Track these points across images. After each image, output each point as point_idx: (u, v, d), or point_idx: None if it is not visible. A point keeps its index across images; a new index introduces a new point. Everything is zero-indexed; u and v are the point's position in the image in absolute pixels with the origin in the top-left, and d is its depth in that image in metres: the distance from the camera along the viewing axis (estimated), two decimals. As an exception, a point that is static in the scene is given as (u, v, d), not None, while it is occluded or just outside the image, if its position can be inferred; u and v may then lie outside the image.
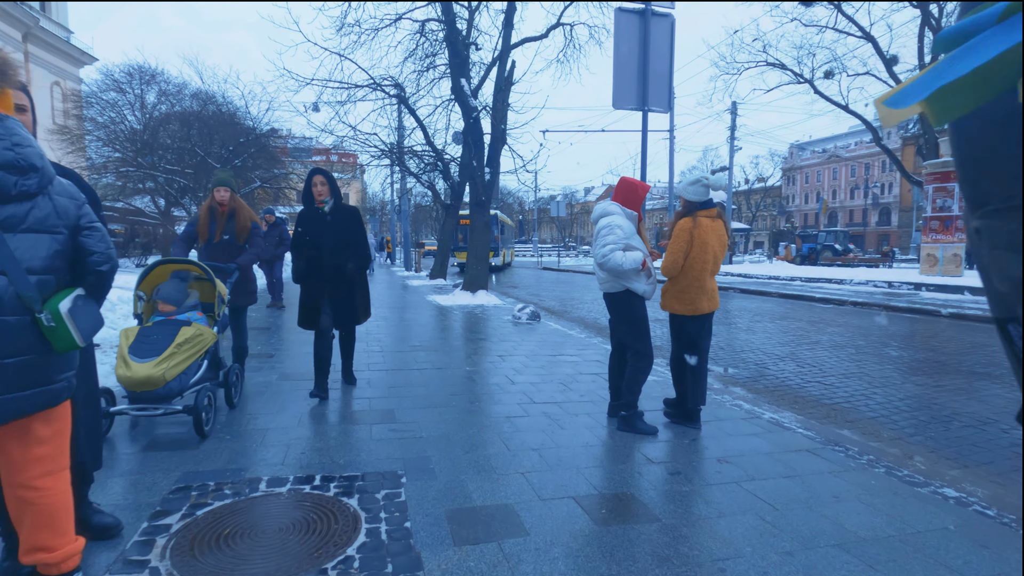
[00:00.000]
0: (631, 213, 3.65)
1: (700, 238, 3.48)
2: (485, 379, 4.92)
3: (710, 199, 3.59)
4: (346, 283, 4.12)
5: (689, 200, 3.60)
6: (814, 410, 4.52)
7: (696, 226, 3.49)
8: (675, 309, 3.67)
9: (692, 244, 3.48)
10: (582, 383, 4.85)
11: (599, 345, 6.73)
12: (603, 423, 3.77)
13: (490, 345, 6.62)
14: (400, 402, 4.10)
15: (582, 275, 24.76)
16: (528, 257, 48.48)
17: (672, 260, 3.52)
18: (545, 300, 13.42)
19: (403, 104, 14.77)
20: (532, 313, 8.91)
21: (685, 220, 3.52)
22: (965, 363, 6.20)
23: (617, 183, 3.75)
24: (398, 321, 8.51)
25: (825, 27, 27.93)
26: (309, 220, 4.07)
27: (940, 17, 24.32)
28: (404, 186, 23.75)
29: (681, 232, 3.50)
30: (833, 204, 65.42)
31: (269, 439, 3.25)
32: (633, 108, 5.07)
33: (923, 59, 25.44)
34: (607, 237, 3.48)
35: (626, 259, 3.51)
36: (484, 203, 11.85)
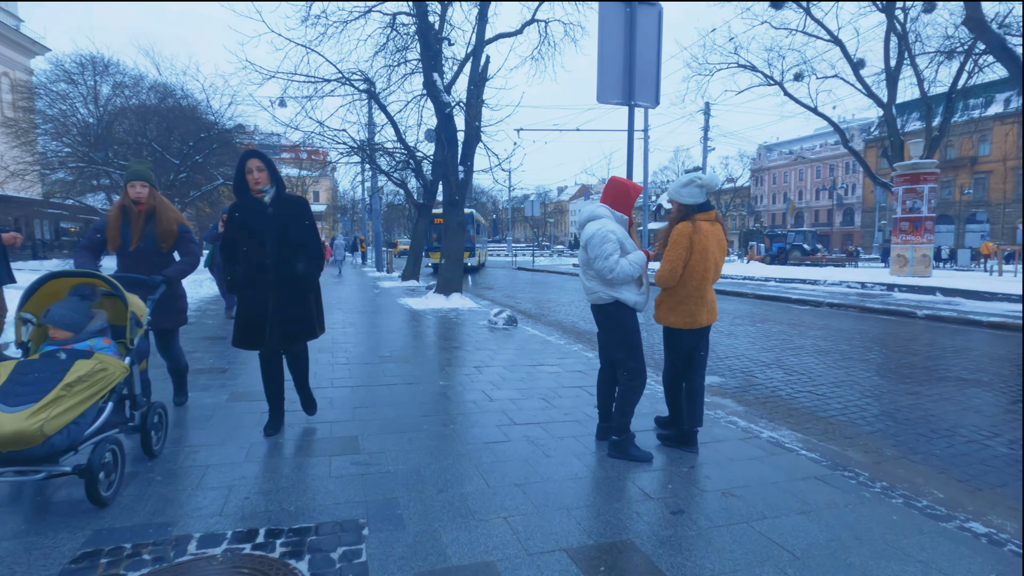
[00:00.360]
0: (621, 216, 3.31)
1: (700, 244, 3.16)
2: (461, 395, 4.52)
3: (707, 201, 3.26)
4: (295, 290, 3.34)
5: (684, 204, 3.27)
6: (811, 425, 4.27)
7: (696, 231, 3.16)
8: (671, 322, 3.34)
9: (692, 251, 3.16)
10: (565, 398, 4.50)
11: (579, 353, 6.40)
12: (592, 448, 3.41)
13: (465, 354, 6.22)
14: (365, 426, 3.67)
15: (557, 275, 24.50)
16: (502, 257, 48.09)
17: (670, 269, 3.18)
18: (521, 302, 13.07)
19: (373, 99, 14.21)
20: (509, 318, 8.54)
21: (683, 225, 3.19)
22: (952, 368, 6.07)
23: (607, 183, 3.40)
24: (367, 327, 8.03)
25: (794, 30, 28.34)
26: (245, 214, 3.28)
27: (905, 22, 24.87)
28: (375, 184, 23.09)
29: (679, 238, 3.16)
30: (800, 204, 66.94)
31: (208, 479, 2.79)
32: (618, 103, 4.73)
33: (889, 63, 26.03)
34: (604, 245, 3.13)
35: (633, 264, 3.17)
36: (458, 202, 11.42)
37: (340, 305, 10.84)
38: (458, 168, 11.44)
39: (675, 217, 3.31)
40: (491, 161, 11.69)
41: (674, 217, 3.32)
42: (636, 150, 35.03)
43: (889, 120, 25.20)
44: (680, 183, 3.27)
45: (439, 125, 11.64)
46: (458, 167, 11.47)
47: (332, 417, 3.85)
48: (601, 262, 3.13)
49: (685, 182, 3.24)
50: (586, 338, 8.06)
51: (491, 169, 11.65)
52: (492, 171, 11.80)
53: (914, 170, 15.45)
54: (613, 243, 3.15)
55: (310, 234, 3.39)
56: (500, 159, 11.55)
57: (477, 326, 8.39)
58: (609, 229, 3.19)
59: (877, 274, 17.26)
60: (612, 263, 3.12)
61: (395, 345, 6.71)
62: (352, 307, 10.57)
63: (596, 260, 3.15)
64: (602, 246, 3.12)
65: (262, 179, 3.26)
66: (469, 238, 25.28)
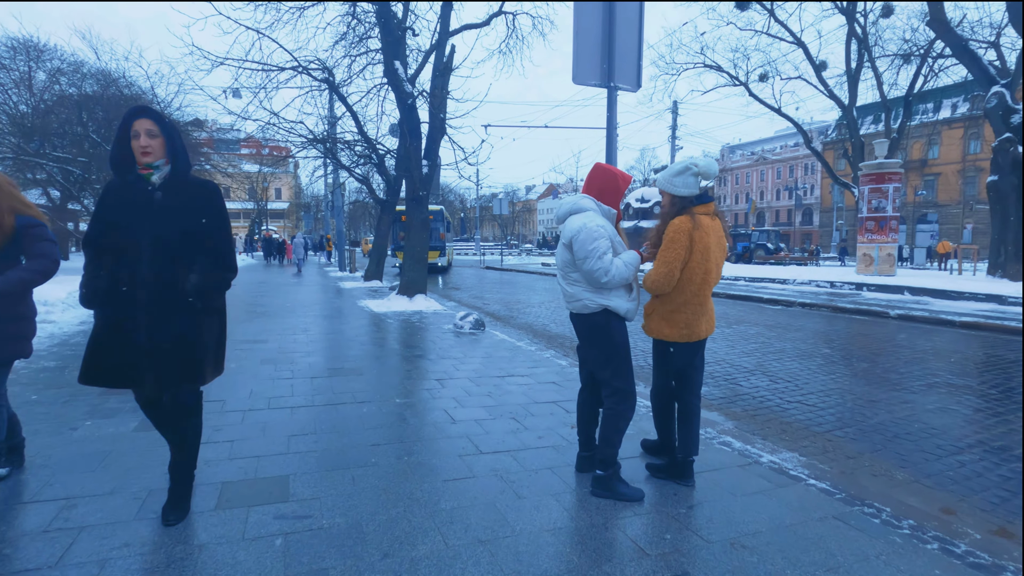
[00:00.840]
0: (608, 210, 2.80)
1: (701, 242, 2.67)
2: (420, 416, 3.94)
3: (705, 192, 2.78)
4: (180, 313, 2.27)
5: (678, 196, 2.78)
6: (808, 443, 3.85)
7: (696, 227, 2.67)
8: (664, 334, 2.84)
9: (692, 251, 2.66)
10: (538, 416, 3.97)
11: (552, 361, 5.89)
12: (571, 482, 2.89)
13: (428, 364, 5.63)
14: (301, 462, 3.05)
15: (526, 274, 24.03)
16: (470, 256, 47.41)
17: (666, 272, 2.68)
18: (489, 303, 12.51)
19: (332, 90, 13.43)
20: (476, 322, 7.98)
21: (681, 220, 2.69)
22: (938, 372, 5.81)
23: (591, 172, 2.88)
24: (320, 333, 7.34)
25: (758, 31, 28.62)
26: (120, 198, 2.29)
27: (865, 25, 25.34)
28: (336, 180, 22.13)
29: (677, 235, 2.66)
30: (761, 204, 68.51)
31: (77, 551, 2.14)
32: (596, 84, 4.23)
33: (850, 65, 26.51)
34: (595, 243, 2.61)
35: (628, 266, 2.68)
36: (422, 198, 10.78)
37: (294, 308, 10.06)
38: (422, 162, 10.80)
39: (668, 211, 2.81)
40: (457, 155, 11.09)
41: (667, 211, 2.82)
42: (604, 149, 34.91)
43: (850, 122, 25.66)
44: (673, 171, 2.77)
45: (401, 117, 10.98)
46: (422, 161, 10.84)
47: (261, 450, 3.21)
48: (593, 262, 2.61)
49: (679, 170, 2.75)
50: (558, 343, 7.57)
51: (457, 163, 11.04)
52: (458, 165, 11.19)
53: (879, 170, 15.57)
54: (605, 240, 2.64)
55: (216, 234, 2.34)
56: (467, 153, 10.96)
57: (441, 331, 7.80)
58: (598, 224, 2.68)
59: (845, 273, 17.39)
60: (607, 264, 2.61)
61: (349, 354, 6.06)
62: (307, 310, 9.81)
63: (587, 260, 2.62)
64: (593, 244, 2.61)
65: (153, 148, 2.23)
66: (438, 236, 24.41)
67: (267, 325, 7.98)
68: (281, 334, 7.22)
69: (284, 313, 9.34)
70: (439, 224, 24.62)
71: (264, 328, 7.70)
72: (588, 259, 2.63)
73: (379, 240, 16.86)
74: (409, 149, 10.66)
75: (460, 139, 13.16)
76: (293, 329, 7.66)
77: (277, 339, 6.86)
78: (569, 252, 2.73)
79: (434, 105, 10.59)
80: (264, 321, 8.38)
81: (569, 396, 4.53)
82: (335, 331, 7.62)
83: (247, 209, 58.21)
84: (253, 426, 3.57)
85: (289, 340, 6.81)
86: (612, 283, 2.66)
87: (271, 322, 8.27)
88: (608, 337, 2.75)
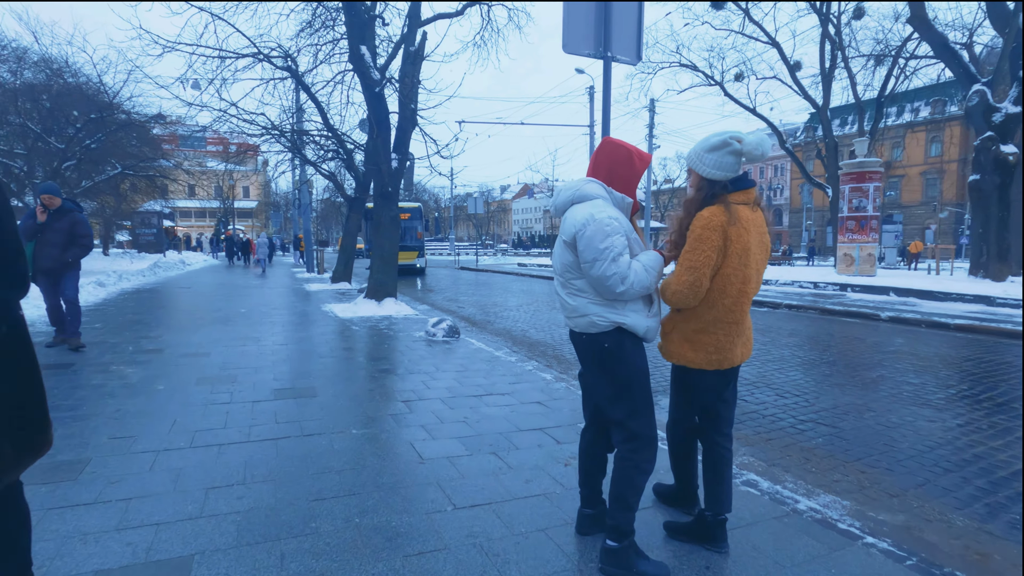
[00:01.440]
0: (622, 199, 2.15)
1: (739, 242, 2.04)
2: (381, 453, 3.23)
3: (745, 175, 2.15)
4: None
5: (708, 179, 2.14)
6: (840, 476, 3.28)
7: (732, 221, 2.03)
8: (687, 359, 2.19)
9: (727, 252, 2.03)
10: (524, 450, 3.30)
11: (535, 374, 5.24)
12: (572, 552, 2.23)
13: (394, 382, 4.91)
14: (215, 532, 2.32)
15: (502, 275, 23.36)
16: (444, 256, 46.50)
17: (691, 281, 2.04)
18: (464, 307, 11.80)
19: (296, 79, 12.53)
20: (449, 328, 7.27)
21: (713, 211, 2.05)
22: (951, 383, 5.35)
23: (598, 148, 2.22)
24: (275, 344, 6.53)
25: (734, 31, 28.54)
26: None
27: (839, 24, 25.44)
28: (304, 176, 21.06)
29: (708, 232, 2.02)
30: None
31: None
32: (589, 55, 3.58)
33: (824, 65, 26.62)
34: (609, 240, 1.97)
35: (650, 271, 2.05)
36: (391, 194, 10.01)
37: (250, 313, 9.18)
38: (391, 155, 10.03)
39: (695, 198, 2.17)
40: (429, 148, 10.34)
41: (694, 198, 2.17)
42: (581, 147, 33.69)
43: (824, 122, 25.72)
44: (706, 145, 2.13)
45: (368, 106, 10.17)
46: (391, 155, 10.06)
47: (165, 513, 2.46)
48: (605, 266, 1.96)
49: (714, 144, 2.11)
50: (540, 351, 6.93)
51: (429, 156, 10.29)
52: (430, 158, 10.46)
53: (860, 168, 15.40)
54: (620, 236, 1.99)
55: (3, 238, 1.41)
56: (440, 146, 10.23)
57: (412, 339, 7.07)
58: (610, 215, 2.03)
59: (827, 273, 17.20)
60: (623, 268, 1.96)
61: (304, 369, 5.29)
62: (264, 316, 8.94)
63: (596, 264, 1.97)
64: (604, 241, 1.96)
65: None
66: (415, 236, 23.20)
67: (214, 334, 7.12)
68: (228, 345, 6.38)
69: (237, 319, 8.47)
70: (417, 222, 23.18)
71: (210, 338, 6.84)
72: (598, 262, 1.97)
73: (347, 239, 15.97)
74: (377, 141, 9.88)
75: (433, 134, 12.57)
76: (244, 339, 6.83)
77: (222, 351, 6.03)
78: (571, 253, 2.07)
79: (404, 94, 9.83)
80: (212, 329, 7.51)
81: (557, 420, 3.87)
82: (292, 341, 6.81)
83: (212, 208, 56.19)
84: (163, 475, 2.80)
85: (236, 352, 5.99)
86: (629, 294, 2.01)
87: (219, 330, 7.42)
88: (622, 364, 2.09)
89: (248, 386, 4.62)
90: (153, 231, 30.22)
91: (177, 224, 56.25)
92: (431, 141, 10.31)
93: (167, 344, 6.39)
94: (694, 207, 2.14)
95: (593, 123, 25.16)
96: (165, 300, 11.32)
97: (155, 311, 9.41)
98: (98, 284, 11.85)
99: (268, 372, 5.13)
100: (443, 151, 10.29)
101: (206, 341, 6.62)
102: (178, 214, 60.93)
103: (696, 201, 2.15)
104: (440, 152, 10.27)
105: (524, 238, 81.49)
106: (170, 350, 6.05)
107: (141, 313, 9.05)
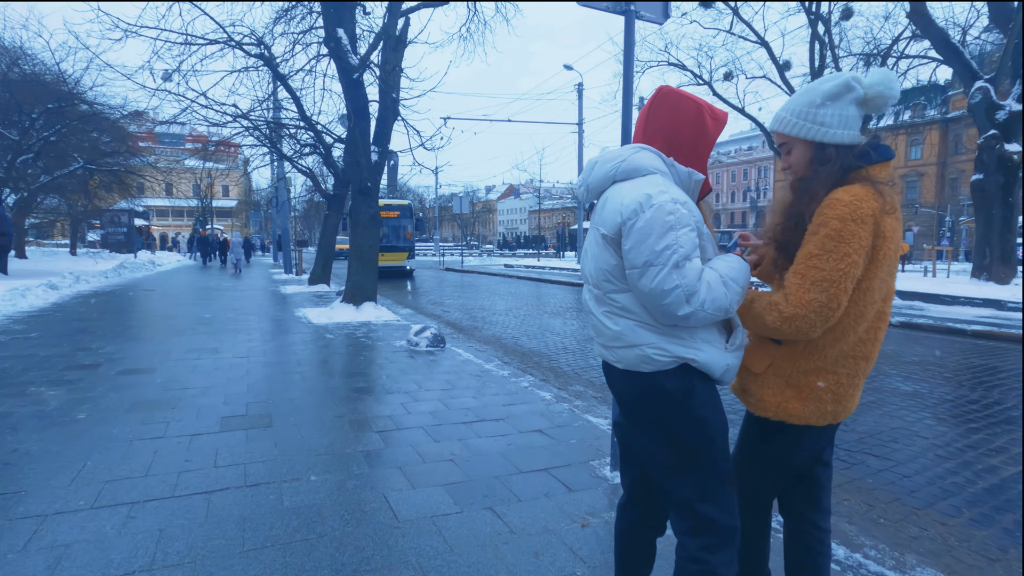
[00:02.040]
0: (689, 175, 1.47)
1: (894, 239, 1.36)
2: (345, 512, 2.50)
3: (878, 140, 1.47)
4: None
5: (836, 144, 1.44)
6: (919, 531, 2.63)
7: (890, 208, 1.35)
8: (791, 412, 1.49)
9: (875, 256, 1.35)
10: (528, 503, 2.60)
11: (531, 392, 4.56)
12: None
13: (369, 405, 4.18)
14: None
15: (488, 276, 22.63)
16: (429, 256, 45.60)
17: (826, 300, 1.32)
18: (449, 311, 11.06)
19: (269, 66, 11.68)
20: (434, 337, 6.55)
21: (857, 192, 1.34)
22: (1001, 398, 4.77)
23: (651, 102, 1.52)
24: (235, 356, 5.73)
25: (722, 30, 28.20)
26: None
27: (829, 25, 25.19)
28: (281, 172, 20.10)
29: (854, 226, 1.31)
30: (717, 207, 69.49)
31: None
32: (608, 9, 2.89)
33: (814, 65, 26.35)
34: (668, 236, 1.31)
35: (732, 282, 1.38)
36: (371, 190, 9.25)
37: (214, 320, 8.34)
38: (370, 148, 9.27)
39: (815, 176, 1.44)
40: (412, 141, 9.59)
41: (813, 176, 1.45)
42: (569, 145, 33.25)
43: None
44: (820, 93, 1.44)
45: (345, 95, 9.40)
46: (371, 147, 9.30)
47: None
48: (664, 275, 1.30)
49: (833, 90, 1.42)
50: (534, 362, 6.24)
51: (412, 150, 9.55)
52: (413, 152, 9.70)
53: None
54: (690, 231, 1.32)
55: None
56: (424, 138, 9.49)
57: (392, 349, 6.33)
58: (675, 198, 1.34)
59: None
60: (691, 280, 1.31)
61: (263, 389, 4.53)
62: (229, 322, 8.11)
63: (651, 271, 1.31)
64: (666, 237, 1.30)
65: None
66: (404, 235, 21.89)
67: (166, 345, 6.30)
68: (179, 359, 5.58)
69: (196, 327, 7.64)
70: (406, 221, 21.61)
71: (160, 349, 6.03)
72: (653, 268, 1.30)
73: (325, 239, 15.13)
74: (355, 132, 9.11)
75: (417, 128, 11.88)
76: (199, 350, 6.02)
77: (170, 366, 5.24)
78: (614, 252, 1.39)
79: (385, 81, 9.08)
80: (164, 339, 6.69)
81: (565, 457, 3.19)
82: (255, 352, 6.02)
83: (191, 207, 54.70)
84: (36, 560, 2.05)
85: (186, 368, 5.20)
86: (697, 318, 1.32)
87: (173, 340, 6.59)
88: (691, 419, 1.41)
89: (190, 413, 3.85)
90: (123, 230, 28.90)
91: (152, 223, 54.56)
92: (415, 133, 9.56)
93: (108, 357, 5.56)
94: (815, 188, 1.42)
95: (582, 120, 24.57)
96: (122, 304, 10.40)
97: (106, 317, 8.52)
98: (49, 287, 10.87)
99: (218, 394, 4.35)
100: (427, 143, 9.54)
101: (154, 354, 5.80)
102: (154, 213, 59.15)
103: (818, 180, 1.43)
104: (424, 144, 9.52)
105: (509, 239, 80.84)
106: (109, 365, 5.23)
107: (89, 320, 8.16)
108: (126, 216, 29.03)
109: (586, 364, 6.18)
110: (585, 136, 25.00)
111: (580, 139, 24.41)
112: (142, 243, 34.28)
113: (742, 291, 1.39)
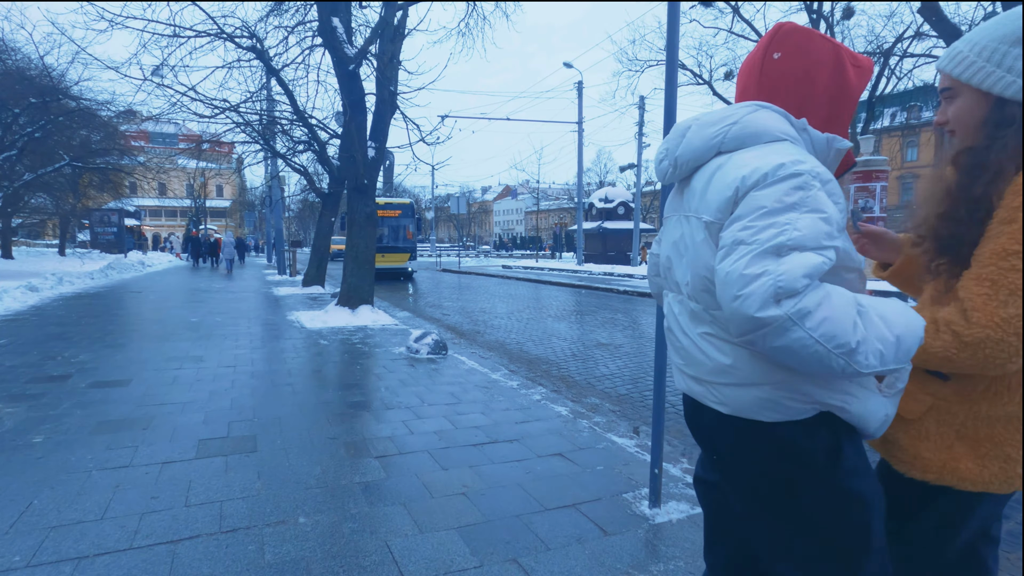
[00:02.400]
0: (828, 142, 1.04)
1: None
2: (338, 568, 2.06)
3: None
4: None
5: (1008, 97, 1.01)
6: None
7: None
8: (964, 474, 1.07)
9: None
10: (558, 552, 2.18)
11: (546, 407, 4.13)
12: None
13: (367, 424, 3.74)
14: None
15: (485, 277, 22.20)
16: (426, 257, 45.13)
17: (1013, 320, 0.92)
18: (449, 314, 10.62)
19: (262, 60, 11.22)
20: (435, 344, 6.12)
21: None
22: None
23: (766, 42, 1.09)
24: (219, 365, 5.28)
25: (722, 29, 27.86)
26: None
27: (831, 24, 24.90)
28: (274, 170, 19.60)
29: None
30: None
31: None
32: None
33: (816, 64, 26.00)
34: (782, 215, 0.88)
35: (871, 320, 0.91)
36: (367, 187, 8.80)
37: (200, 324, 7.86)
38: (367, 143, 8.82)
39: (991, 145, 1.02)
40: (411, 135, 9.16)
41: (981, 143, 1.03)
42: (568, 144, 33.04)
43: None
44: (1009, 33, 1.02)
45: (341, 87, 8.96)
46: (367, 143, 8.86)
47: None
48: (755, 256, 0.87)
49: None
50: (543, 370, 5.82)
51: (412, 144, 9.11)
52: (412, 146, 9.26)
53: (867, 167, 14.64)
54: (820, 219, 0.90)
55: None
56: (423, 132, 9.06)
57: (391, 357, 5.89)
58: (817, 173, 0.92)
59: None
60: (795, 273, 0.85)
61: (249, 404, 4.08)
62: (217, 326, 7.64)
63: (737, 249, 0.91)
64: (781, 214, 0.89)
65: None
66: (406, 235, 21.15)
67: (146, 352, 5.84)
68: (159, 369, 5.12)
69: (181, 332, 7.17)
70: (407, 221, 20.65)
71: (139, 358, 5.56)
72: (744, 246, 0.89)
73: (319, 239, 14.66)
74: (351, 126, 8.66)
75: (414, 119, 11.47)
76: (181, 359, 5.56)
77: (148, 377, 4.78)
78: (715, 245, 0.97)
79: (382, 73, 8.64)
80: (145, 346, 6.22)
81: (594, 489, 2.76)
82: (243, 361, 5.57)
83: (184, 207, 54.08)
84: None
85: (166, 379, 4.74)
86: (794, 339, 0.85)
87: (155, 347, 6.13)
88: (833, 491, 0.98)
89: (164, 435, 3.39)
90: (113, 230, 28.32)
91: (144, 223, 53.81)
92: (414, 127, 9.13)
93: (80, 367, 5.10)
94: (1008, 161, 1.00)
95: (582, 119, 24.18)
96: (106, 307, 9.90)
97: (85, 322, 8.03)
98: (28, 288, 10.36)
99: (198, 410, 3.90)
100: (427, 138, 9.11)
101: (132, 363, 5.34)
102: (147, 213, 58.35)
103: (1007, 149, 1.00)
104: (425, 139, 9.09)
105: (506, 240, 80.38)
106: (80, 376, 4.77)
107: (67, 325, 7.67)
108: (116, 216, 28.45)
109: (597, 373, 5.76)
110: (585, 135, 24.59)
111: (580, 138, 24.03)
112: (133, 243, 33.66)
113: (894, 342, 0.90)
